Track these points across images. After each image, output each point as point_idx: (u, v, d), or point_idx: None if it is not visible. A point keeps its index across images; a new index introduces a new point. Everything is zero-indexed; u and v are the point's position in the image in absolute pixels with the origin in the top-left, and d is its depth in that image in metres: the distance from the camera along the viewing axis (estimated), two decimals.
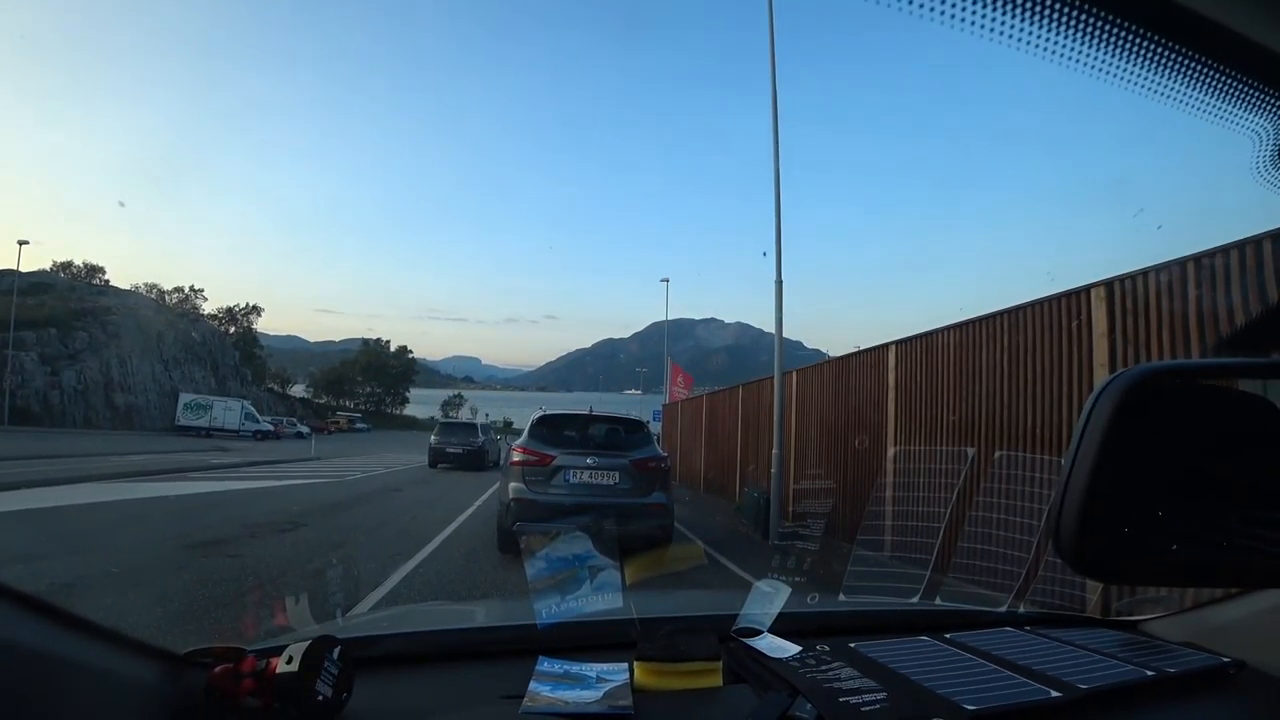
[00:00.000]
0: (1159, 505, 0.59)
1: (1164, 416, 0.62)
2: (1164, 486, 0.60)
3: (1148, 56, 0.43)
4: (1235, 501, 0.61)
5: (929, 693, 0.99)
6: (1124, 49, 0.42)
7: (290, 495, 11.63)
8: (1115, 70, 0.43)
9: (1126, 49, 0.42)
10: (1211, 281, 4.04)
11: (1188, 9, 0.39)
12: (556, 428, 6.97)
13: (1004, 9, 0.39)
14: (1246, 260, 3.78)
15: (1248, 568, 0.62)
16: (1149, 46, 0.42)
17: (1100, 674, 1.07)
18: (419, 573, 5.80)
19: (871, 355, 8.28)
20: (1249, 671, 1.10)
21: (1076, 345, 5.07)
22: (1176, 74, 0.44)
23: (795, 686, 1.00)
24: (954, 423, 6.46)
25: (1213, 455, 0.62)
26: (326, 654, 0.82)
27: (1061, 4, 0.39)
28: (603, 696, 0.95)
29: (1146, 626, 1.38)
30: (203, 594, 4.70)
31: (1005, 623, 1.44)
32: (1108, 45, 0.42)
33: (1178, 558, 0.59)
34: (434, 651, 1.15)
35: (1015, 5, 0.39)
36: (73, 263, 60.43)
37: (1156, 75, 0.44)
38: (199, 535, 7.02)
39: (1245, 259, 3.80)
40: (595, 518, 5.96)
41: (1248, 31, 0.40)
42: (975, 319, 6.36)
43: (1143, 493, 0.60)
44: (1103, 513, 0.55)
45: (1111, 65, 0.43)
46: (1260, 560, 0.61)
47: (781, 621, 1.27)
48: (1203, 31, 0.40)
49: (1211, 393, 0.68)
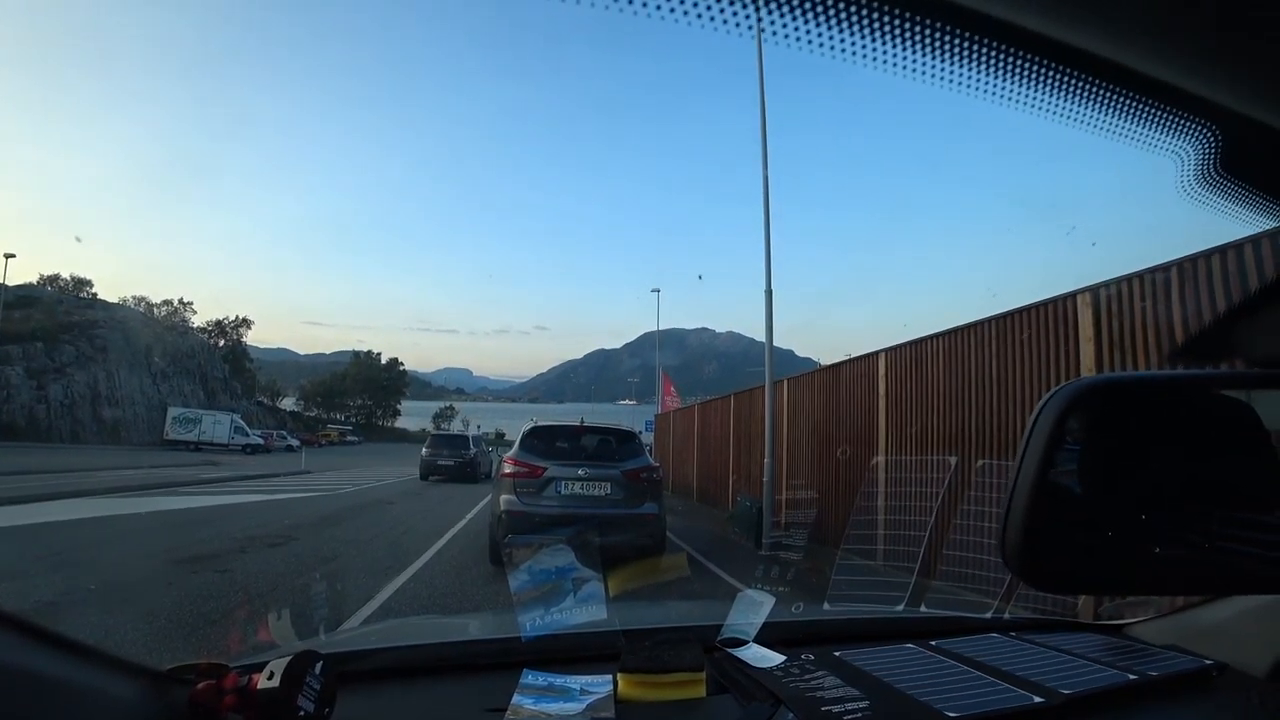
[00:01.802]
0: (1141, 510, 0.60)
1: (1144, 423, 0.64)
2: (1145, 492, 0.61)
3: (1062, 87, 0.44)
4: (1216, 505, 0.62)
5: (912, 700, 0.99)
6: (1035, 80, 0.44)
7: (280, 509, 11.52)
8: (1031, 101, 0.45)
9: (1037, 80, 0.44)
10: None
11: (1085, 52, 0.40)
12: (548, 439, 6.95)
13: (922, 52, 0.41)
14: (1215, 269, 3.87)
15: (1201, 574, 0.63)
16: (1061, 79, 0.44)
17: (1083, 678, 1.08)
18: (409, 587, 5.76)
19: (862, 363, 8.31)
20: (1231, 673, 1.11)
21: (1064, 351, 5.12)
22: (1092, 103, 0.45)
23: (778, 696, 1.00)
24: (944, 429, 6.49)
25: (1195, 460, 0.64)
26: (309, 669, 0.82)
27: (967, 42, 0.40)
28: (585, 708, 0.96)
29: (1131, 630, 1.39)
30: (191, 610, 4.64)
31: (991, 629, 1.44)
32: (1019, 78, 0.43)
33: (1130, 566, 0.60)
34: (418, 665, 1.15)
35: (929, 46, 0.40)
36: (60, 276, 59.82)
37: (1073, 104, 0.45)
38: (187, 550, 6.94)
39: (1212, 269, 3.90)
40: (588, 529, 5.96)
41: (1150, 70, 0.42)
42: (964, 326, 6.40)
43: (1123, 499, 0.61)
44: (1046, 523, 0.56)
45: (1026, 96, 0.45)
46: (1236, 564, 0.62)
47: (766, 631, 1.27)
48: (1109, 66, 0.42)
49: (1194, 398, 0.69)
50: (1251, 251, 3.70)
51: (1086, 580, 0.64)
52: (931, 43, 0.41)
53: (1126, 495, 0.61)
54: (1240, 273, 3.75)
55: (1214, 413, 0.68)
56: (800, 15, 0.39)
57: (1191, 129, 0.48)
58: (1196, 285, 4.02)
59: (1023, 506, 0.56)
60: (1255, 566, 0.63)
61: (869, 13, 0.39)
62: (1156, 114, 0.46)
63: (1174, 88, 0.43)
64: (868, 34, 0.40)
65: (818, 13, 0.39)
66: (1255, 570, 0.63)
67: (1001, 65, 0.43)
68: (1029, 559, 0.56)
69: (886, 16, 0.39)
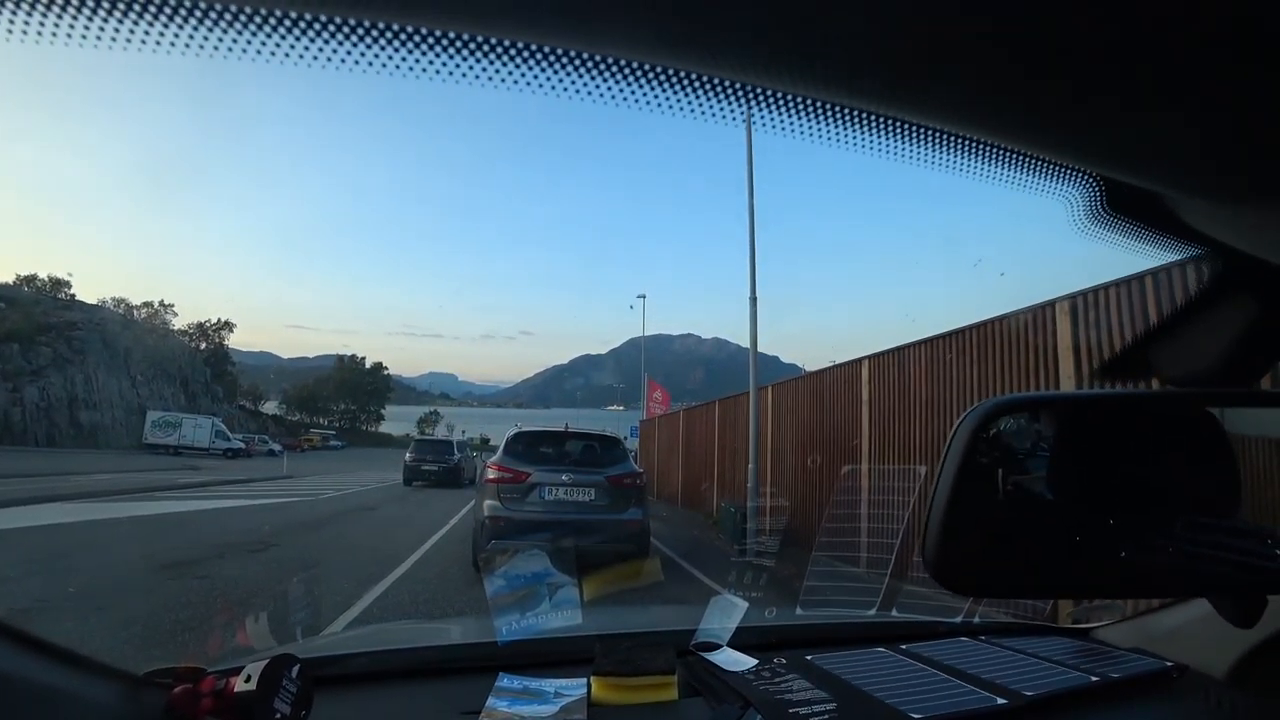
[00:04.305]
0: (1108, 515, 0.64)
1: (1111, 433, 0.68)
2: (1109, 498, 0.65)
3: (955, 148, 0.48)
4: (1179, 511, 0.66)
5: (878, 703, 1.02)
6: (928, 142, 0.47)
7: (261, 515, 11.39)
8: (925, 159, 0.49)
9: (930, 142, 0.47)
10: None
11: (958, 135, 0.46)
12: (532, 444, 6.93)
13: (818, 119, 0.46)
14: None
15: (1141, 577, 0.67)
16: (954, 141, 0.47)
17: (1046, 681, 1.11)
18: (391, 593, 5.72)
19: (846, 370, 8.38)
20: (1191, 675, 1.14)
21: (1043, 358, 5.17)
22: (979, 158, 0.49)
23: (748, 699, 1.02)
24: (926, 436, 6.55)
25: (1158, 468, 0.68)
26: (285, 672, 0.83)
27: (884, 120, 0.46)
28: (559, 711, 0.97)
29: (1097, 634, 1.42)
30: (169, 617, 4.58)
31: (960, 633, 1.47)
32: (914, 141, 0.47)
33: (1036, 571, 0.64)
34: (395, 670, 1.16)
35: (816, 112, 0.45)
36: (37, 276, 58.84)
37: (964, 160, 0.49)
38: (166, 556, 6.84)
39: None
40: (571, 535, 5.95)
41: (1023, 147, 0.46)
42: (945, 334, 6.47)
43: (1083, 505, 0.65)
44: (960, 530, 0.60)
45: (919, 155, 0.49)
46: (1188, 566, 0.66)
47: (739, 635, 1.29)
48: (987, 142, 0.47)
49: (1157, 410, 0.73)
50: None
51: (998, 583, 0.68)
52: (878, 128, 0.47)
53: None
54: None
55: (1179, 425, 0.72)
56: (783, 115, 0.46)
57: (1074, 178, 0.52)
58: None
59: (940, 514, 0.59)
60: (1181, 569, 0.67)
61: (836, 113, 0.46)
62: (1041, 166, 0.50)
63: (1050, 158, 0.48)
64: (838, 127, 0.47)
65: (797, 110, 0.45)
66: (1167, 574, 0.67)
67: (905, 137, 0.48)
68: (943, 562, 0.60)
69: (854, 117, 0.46)
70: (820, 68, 0.39)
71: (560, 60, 0.40)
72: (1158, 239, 0.60)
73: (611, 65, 0.41)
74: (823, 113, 0.45)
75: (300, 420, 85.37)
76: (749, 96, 0.43)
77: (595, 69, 0.41)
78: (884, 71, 0.40)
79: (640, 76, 0.42)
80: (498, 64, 0.40)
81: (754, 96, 0.43)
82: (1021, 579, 0.66)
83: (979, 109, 0.44)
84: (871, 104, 0.44)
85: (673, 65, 0.41)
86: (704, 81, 0.42)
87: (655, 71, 0.41)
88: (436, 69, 0.40)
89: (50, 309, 47.48)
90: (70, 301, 53.43)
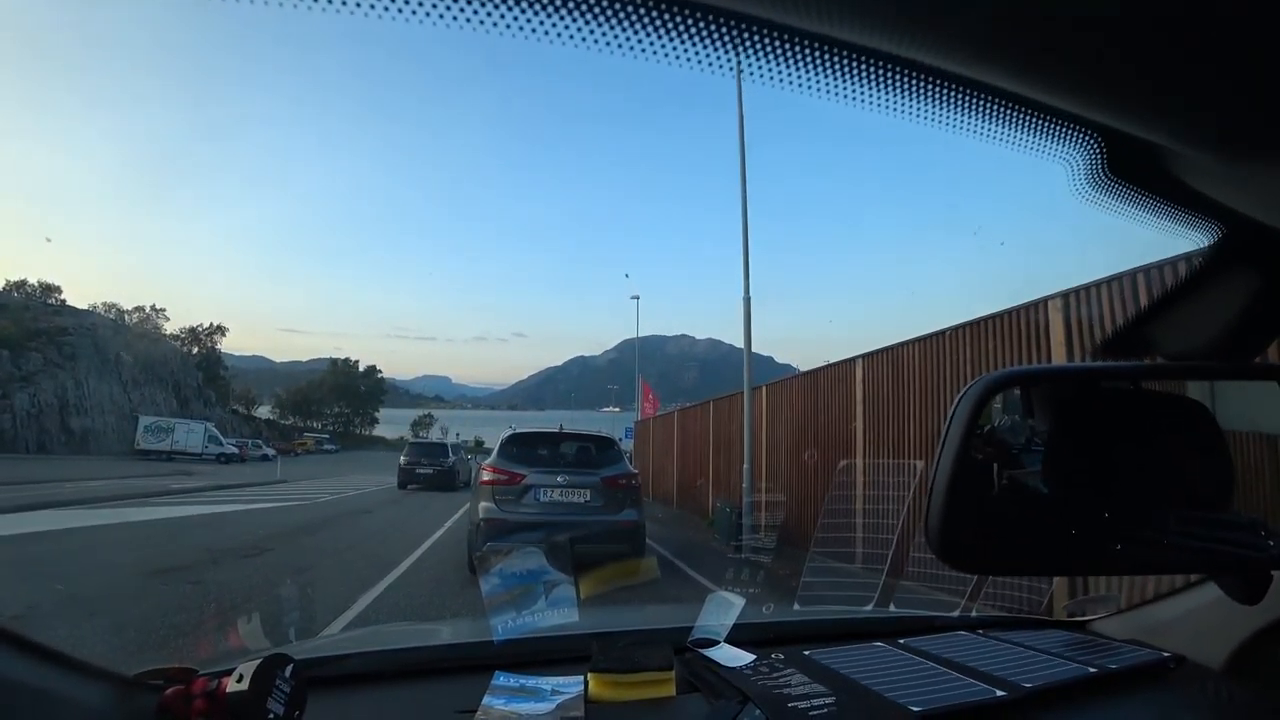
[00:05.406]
0: (1103, 505, 0.63)
1: (1106, 420, 0.67)
2: (1107, 485, 0.64)
3: (954, 103, 0.47)
4: (1174, 500, 0.66)
5: (877, 696, 1.01)
6: (927, 97, 0.47)
7: (255, 519, 11.34)
8: (923, 114, 0.48)
9: (930, 97, 0.47)
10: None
11: (974, 79, 0.44)
12: (527, 446, 6.92)
13: (817, 70, 0.44)
14: None
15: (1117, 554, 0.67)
16: (955, 95, 0.47)
17: (1045, 673, 1.11)
18: (387, 597, 5.70)
19: (839, 369, 8.39)
20: (1188, 665, 1.14)
21: (1036, 355, 5.20)
22: (981, 115, 0.48)
23: (746, 694, 1.02)
24: (920, 433, 6.57)
25: (1153, 456, 0.67)
26: (278, 672, 0.82)
27: (896, 75, 0.45)
28: (555, 708, 0.96)
29: (1094, 626, 1.42)
30: (162, 622, 4.55)
31: (957, 627, 1.47)
32: (915, 96, 0.46)
33: (1037, 546, 0.64)
34: (390, 670, 1.14)
35: (814, 62, 0.44)
36: (27, 281, 58.52)
37: (963, 117, 0.48)
38: (159, 562, 6.80)
39: None
40: (567, 536, 5.94)
41: (1029, 93, 0.45)
42: (939, 332, 6.48)
43: (1082, 491, 0.64)
44: (963, 506, 0.59)
45: (919, 110, 0.48)
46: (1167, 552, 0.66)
47: (737, 631, 1.28)
48: (992, 87, 0.45)
49: (1151, 397, 0.73)
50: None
51: (1004, 559, 0.67)
52: (881, 77, 0.46)
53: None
54: None
55: (1170, 413, 0.72)
56: (777, 59, 0.44)
57: (1076, 138, 0.51)
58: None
59: (943, 491, 0.58)
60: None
61: (832, 56, 0.44)
62: (1042, 124, 0.49)
63: (1053, 106, 0.46)
64: (833, 75, 0.45)
65: (790, 56, 0.44)
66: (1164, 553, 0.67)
67: (904, 87, 0.46)
68: (948, 538, 0.59)
69: (852, 62, 0.44)
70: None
71: None
72: (1159, 206, 0.58)
73: (595, 4, 0.39)
74: (819, 55, 0.43)
75: (294, 424, 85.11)
76: (741, 32, 0.41)
77: (578, 8, 0.39)
78: None
79: (626, 17, 0.40)
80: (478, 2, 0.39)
81: (746, 33, 0.41)
82: (1023, 557, 0.65)
83: (984, 43, 0.41)
84: (874, 37, 0.41)
85: None
86: (693, 12, 0.40)
87: (643, 8, 0.40)
88: (413, 9, 0.39)
89: (40, 314, 47.23)
90: (60, 306, 53.14)
